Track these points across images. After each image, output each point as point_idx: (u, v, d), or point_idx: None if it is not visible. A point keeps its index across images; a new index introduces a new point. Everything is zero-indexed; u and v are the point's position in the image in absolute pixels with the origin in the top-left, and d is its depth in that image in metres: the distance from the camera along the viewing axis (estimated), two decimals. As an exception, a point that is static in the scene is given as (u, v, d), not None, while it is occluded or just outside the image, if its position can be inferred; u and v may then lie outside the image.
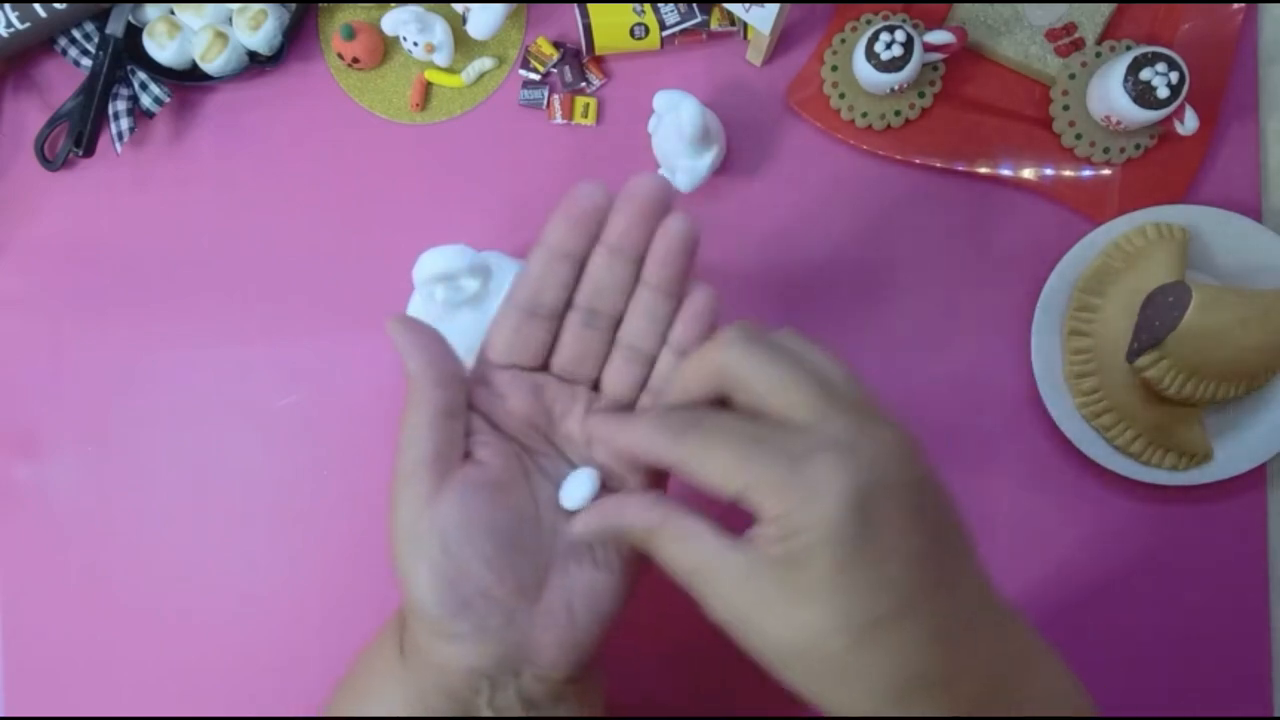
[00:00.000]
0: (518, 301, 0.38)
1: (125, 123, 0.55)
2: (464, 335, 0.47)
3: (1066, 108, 0.52)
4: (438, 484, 0.35)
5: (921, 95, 0.52)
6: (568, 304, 0.38)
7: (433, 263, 0.44)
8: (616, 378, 0.38)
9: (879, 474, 0.30)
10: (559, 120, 0.55)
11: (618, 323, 0.38)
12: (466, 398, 0.38)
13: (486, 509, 0.35)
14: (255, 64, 0.55)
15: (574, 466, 0.38)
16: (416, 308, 0.49)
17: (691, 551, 0.33)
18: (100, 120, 0.54)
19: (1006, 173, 0.53)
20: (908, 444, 0.33)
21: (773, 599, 0.31)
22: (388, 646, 0.38)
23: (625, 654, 0.43)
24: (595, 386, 0.39)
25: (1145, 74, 0.48)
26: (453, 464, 0.36)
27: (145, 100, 0.55)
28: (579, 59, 0.55)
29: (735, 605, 0.32)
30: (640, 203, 0.36)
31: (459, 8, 0.54)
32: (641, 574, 0.37)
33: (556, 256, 0.37)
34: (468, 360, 0.49)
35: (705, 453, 0.32)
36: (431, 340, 0.37)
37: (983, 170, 0.53)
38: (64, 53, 0.56)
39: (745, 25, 0.53)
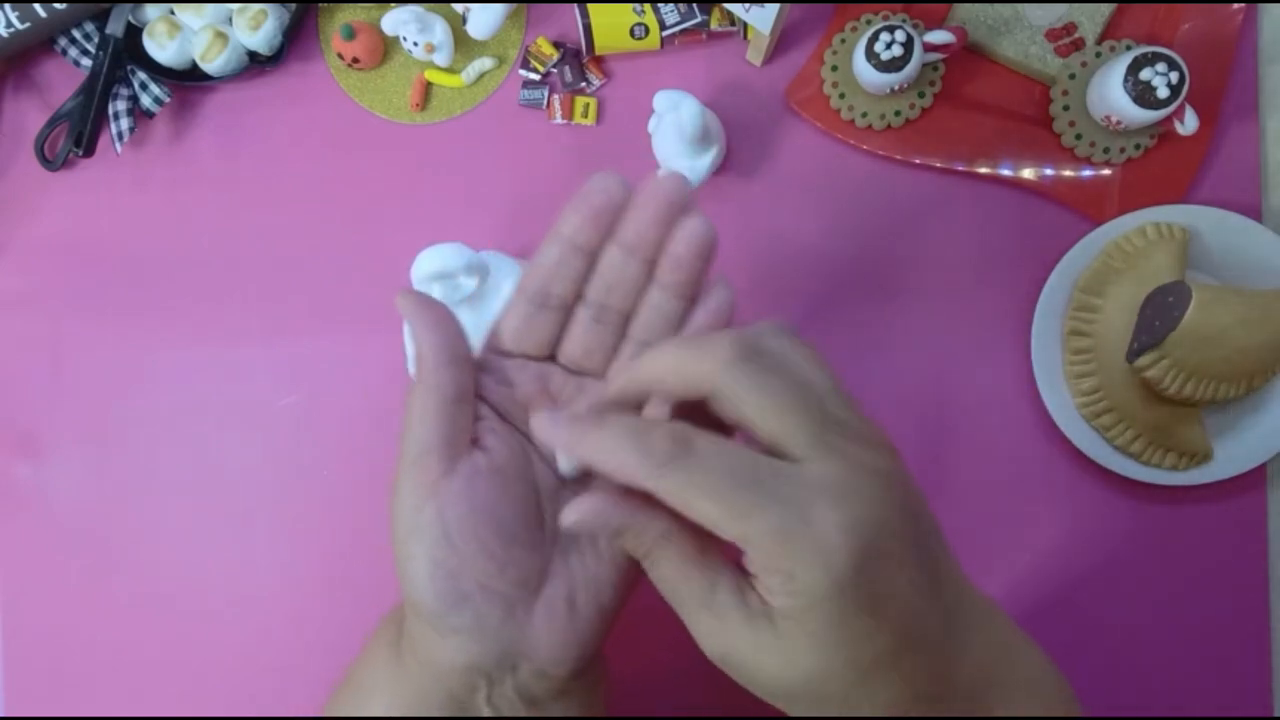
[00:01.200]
0: (528, 290, 0.37)
1: (125, 123, 0.55)
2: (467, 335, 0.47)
3: (1066, 108, 0.52)
4: (444, 470, 0.34)
5: (921, 95, 0.52)
6: (578, 295, 0.37)
7: (430, 261, 0.44)
8: None
9: (879, 521, 0.30)
10: (559, 120, 0.55)
11: (628, 317, 0.37)
12: (475, 382, 0.36)
13: (492, 498, 0.34)
14: (255, 64, 0.55)
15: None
16: None
17: (687, 583, 0.32)
18: (100, 120, 0.54)
19: (1006, 173, 0.53)
20: (898, 471, 0.31)
21: (772, 646, 0.30)
22: (383, 644, 0.37)
23: (634, 659, 0.43)
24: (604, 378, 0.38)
25: (1145, 74, 0.48)
26: (460, 450, 0.34)
27: (145, 100, 0.55)
28: (579, 59, 0.55)
29: (730, 646, 0.31)
30: (659, 204, 0.35)
31: (459, 8, 0.54)
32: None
33: (569, 249, 0.36)
34: None
35: (694, 492, 0.30)
36: (444, 318, 0.36)
37: (983, 170, 0.53)
38: (64, 53, 0.56)
39: (745, 25, 0.53)
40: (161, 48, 0.54)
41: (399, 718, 0.35)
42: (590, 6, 0.52)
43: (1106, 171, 0.52)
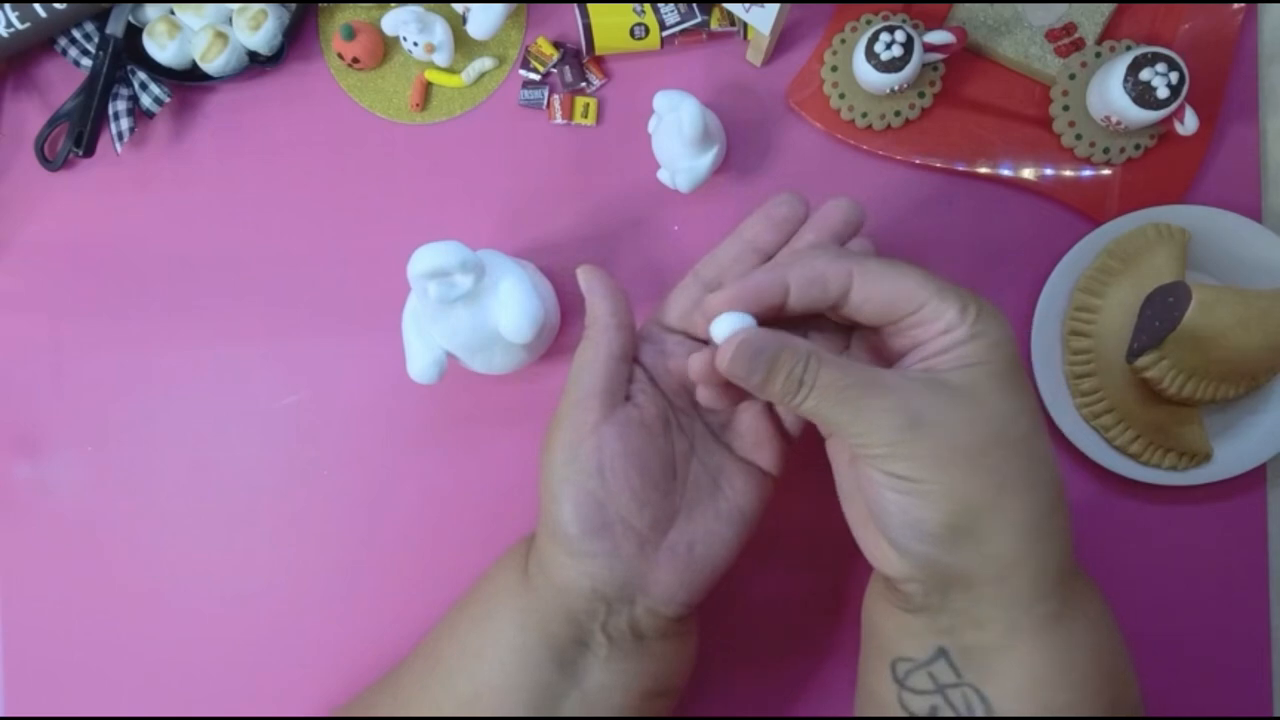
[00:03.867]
0: (702, 277, 0.43)
1: (125, 123, 0.55)
2: (459, 333, 0.47)
3: (1066, 108, 0.52)
4: (603, 414, 0.40)
5: (921, 95, 0.52)
6: None
7: (425, 259, 0.44)
8: None
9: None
10: (559, 120, 0.55)
11: None
12: (635, 347, 0.42)
13: (640, 445, 0.40)
14: (255, 64, 0.55)
15: (714, 431, 0.43)
16: (414, 305, 0.49)
17: (861, 370, 0.35)
18: (100, 120, 0.54)
19: (1006, 173, 0.53)
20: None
21: (958, 398, 0.34)
22: (511, 568, 0.42)
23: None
24: None
25: (1145, 74, 0.48)
26: (617, 400, 0.40)
27: (145, 100, 0.55)
28: (579, 59, 0.55)
29: (913, 409, 0.34)
30: (834, 223, 0.42)
31: (459, 8, 0.54)
32: (751, 533, 0.42)
33: (748, 248, 0.42)
34: (468, 359, 0.48)
35: (887, 275, 0.36)
36: (615, 289, 0.43)
37: (983, 170, 0.53)
38: (64, 53, 0.56)
39: (745, 25, 0.53)
40: (161, 48, 0.54)
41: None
42: (590, 6, 0.52)
43: (1106, 171, 0.52)
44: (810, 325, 0.41)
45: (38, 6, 0.54)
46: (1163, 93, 0.47)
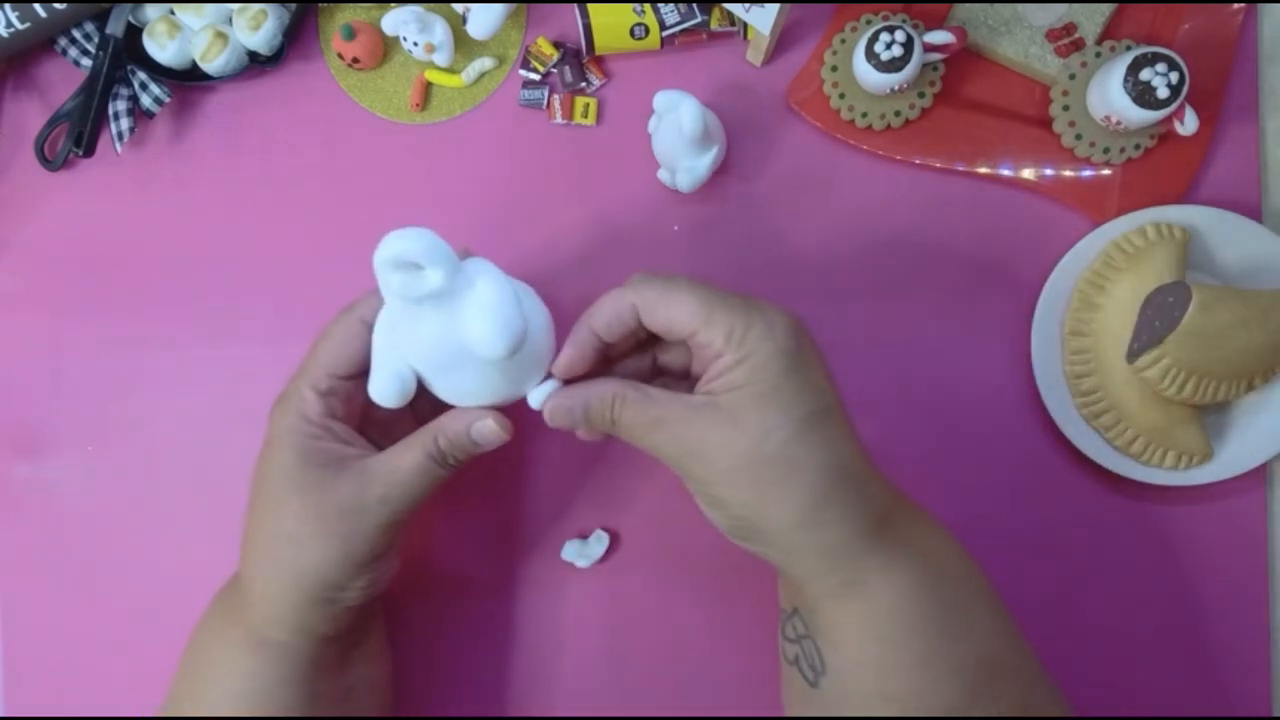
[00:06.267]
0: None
1: (125, 123, 0.55)
2: (425, 344, 0.40)
3: (1066, 108, 0.52)
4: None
5: (921, 95, 0.52)
6: None
7: (389, 244, 0.38)
8: None
9: (800, 327, 0.40)
10: (559, 120, 0.55)
11: None
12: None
13: None
14: (255, 64, 0.55)
15: None
16: (388, 312, 0.43)
17: (652, 408, 0.40)
18: (100, 120, 0.54)
19: (1006, 173, 0.53)
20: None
21: (720, 421, 0.38)
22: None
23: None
24: None
25: (1145, 74, 0.48)
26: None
27: (145, 100, 0.55)
28: (579, 59, 0.55)
29: (688, 437, 0.39)
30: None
31: (459, 8, 0.54)
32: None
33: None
34: (433, 379, 0.42)
35: (662, 301, 0.40)
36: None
37: (983, 170, 0.53)
38: (64, 53, 0.56)
39: (745, 25, 0.53)
40: (161, 48, 0.54)
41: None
42: (590, 6, 0.52)
43: (1106, 171, 0.52)
44: (657, 347, 0.45)
45: (38, 6, 0.54)
46: (1163, 93, 0.47)
